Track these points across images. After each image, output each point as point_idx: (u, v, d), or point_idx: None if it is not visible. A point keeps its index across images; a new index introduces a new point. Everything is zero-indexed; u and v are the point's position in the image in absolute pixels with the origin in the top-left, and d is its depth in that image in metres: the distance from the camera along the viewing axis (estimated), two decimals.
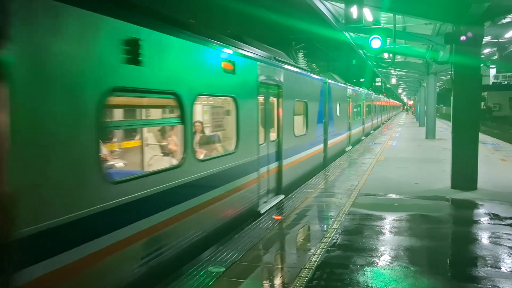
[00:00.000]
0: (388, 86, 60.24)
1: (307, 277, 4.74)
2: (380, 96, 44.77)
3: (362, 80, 46.91)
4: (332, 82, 15.37)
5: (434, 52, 18.47)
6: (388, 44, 15.66)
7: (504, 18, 13.14)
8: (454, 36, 9.44)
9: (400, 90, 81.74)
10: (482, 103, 43.52)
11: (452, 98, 9.79)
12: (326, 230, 6.59)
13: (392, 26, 14.41)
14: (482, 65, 15.50)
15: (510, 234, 6.29)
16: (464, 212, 7.96)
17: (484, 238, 6.28)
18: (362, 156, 16.05)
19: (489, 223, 6.97)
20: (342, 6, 10.86)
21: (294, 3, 16.50)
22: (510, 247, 5.74)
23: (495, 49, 18.95)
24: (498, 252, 5.57)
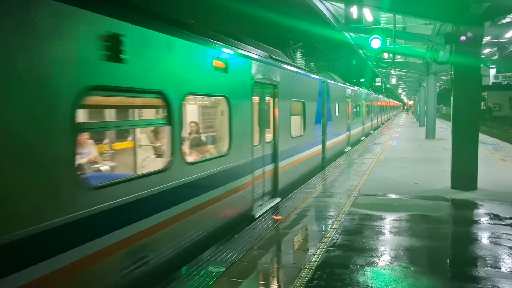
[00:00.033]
0: (388, 86, 60.26)
1: (307, 277, 4.74)
2: (380, 96, 44.77)
3: (362, 80, 46.92)
4: (330, 81, 15.22)
5: (434, 52, 18.46)
6: (388, 44, 15.64)
7: (504, 18, 13.14)
8: (454, 36, 9.45)
9: (400, 90, 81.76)
10: (482, 103, 43.51)
11: (452, 98, 9.80)
12: (326, 230, 6.59)
13: (392, 26, 14.42)
14: (482, 65, 15.50)
15: (510, 234, 6.29)
16: (464, 212, 7.96)
17: (484, 238, 6.28)
18: (362, 156, 16.04)
19: (489, 223, 6.97)
20: (342, 6, 10.87)
21: (294, 3, 16.51)
22: (510, 247, 5.74)
23: (495, 49, 18.94)
24: (498, 252, 5.57)
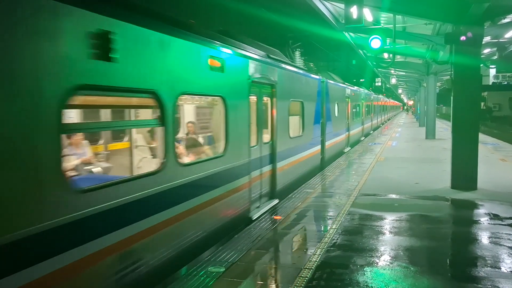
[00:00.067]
0: (388, 86, 60.27)
1: (307, 277, 4.74)
2: (379, 96, 44.75)
3: (362, 80, 46.90)
4: (330, 81, 15.12)
5: (434, 52, 18.47)
6: (388, 44, 15.65)
7: (504, 18, 13.15)
8: (454, 36, 9.45)
9: (400, 90, 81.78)
10: (482, 103, 43.52)
11: (452, 98, 9.80)
12: (326, 230, 6.59)
13: (392, 26, 14.42)
14: (482, 65, 15.49)
15: (510, 234, 6.29)
16: (464, 212, 7.96)
17: (484, 238, 6.28)
18: (362, 156, 16.04)
19: (489, 223, 6.97)
20: (342, 6, 10.87)
21: (294, 3, 16.51)
22: (510, 247, 5.74)
23: (495, 49, 18.96)
24: (498, 252, 5.57)
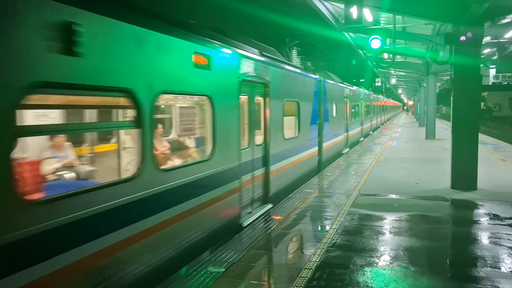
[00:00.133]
0: (388, 86, 60.29)
1: (307, 277, 4.74)
2: (379, 96, 44.74)
3: (362, 80, 46.92)
4: (328, 81, 14.87)
5: (434, 52, 18.47)
6: (388, 44, 15.65)
7: (504, 18, 13.16)
8: (454, 36, 9.45)
9: (400, 90, 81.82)
10: (482, 103, 43.57)
11: (452, 98, 9.80)
12: (326, 230, 6.59)
13: (392, 26, 14.43)
14: (482, 65, 15.51)
15: (510, 234, 6.29)
16: (464, 212, 7.96)
17: (484, 238, 6.28)
18: (361, 156, 16.05)
19: (489, 223, 6.97)
20: (342, 6, 10.87)
21: (293, 3, 16.49)
22: (510, 247, 5.74)
23: (495, 49, 18.97)
24: (498, 252, 5.57)
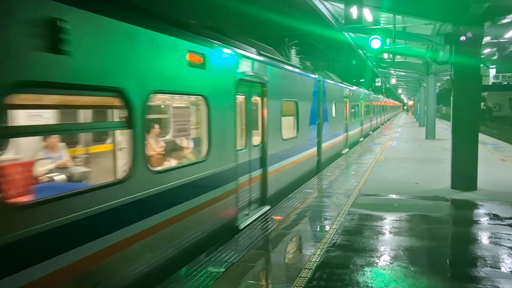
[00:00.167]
0: (388, 86, 60.30)
1: (307, 277, 4.74)
2: (379, 96, 44.71)
3: (362, 80, 46.93)
4: (327, 81, 14.78)
5: (434, 52, 18.48)
6: (388, 44, 15.66)
7: (504, 18, 13.16)
8: (454, 36, 9.45)
9: (400, 90, 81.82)
10: (482, 103, 43.56)
11: (452, 98, 9.80)
12: (326, 230, 6.59)
13: (392, 26, 14.43)
14: (482, 65, 15.51)
15: (509, 234, 6.29)
16: (464, 212, 7.96)
17: (484, 238, 6.28)
18: (361, 156, 16.05)
19: (489, 223, 6.97)
20: (342, 6, 10.87)
21: (293, 3, 16.49)
22: (509, 247, 5.74)
23: (495, 49, 18.97)
24: (498, 252, 5.57)
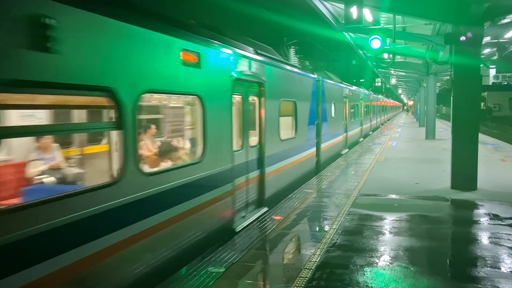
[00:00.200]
0: (388, 86, 60.29)
1: (307, 277, 4.74)
2: (379, 96, 44.69)
3: (362, 80, 46.93)
4: (326, 81, 14.71)
5: (434, 52, 18.48)
6: (388, 44, 15.65)
7: (504, 18, 13.16)
8: (454, 36, 9.45)
9: (400, 91, 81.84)
10: (482, 104, 43.55)
11: (452, 98, 9.80)
12: (325, 230, 6.59)
13: (392, 26, 14.43)
14: (482, 65, 15.51)
15: (509, 235, 6.29)
16: (464, 212, 7.96)
17: (484, 238, 6.28)
18: (361, 156, 16.05)
19: (489, 224, 6.97)
20: (342, 6, 10.88)
21: (293, 3, 16.49)
22: (509, 247, 5.75)
23: (495, 49, 18.97)
24: (498, 252, 5.58)
